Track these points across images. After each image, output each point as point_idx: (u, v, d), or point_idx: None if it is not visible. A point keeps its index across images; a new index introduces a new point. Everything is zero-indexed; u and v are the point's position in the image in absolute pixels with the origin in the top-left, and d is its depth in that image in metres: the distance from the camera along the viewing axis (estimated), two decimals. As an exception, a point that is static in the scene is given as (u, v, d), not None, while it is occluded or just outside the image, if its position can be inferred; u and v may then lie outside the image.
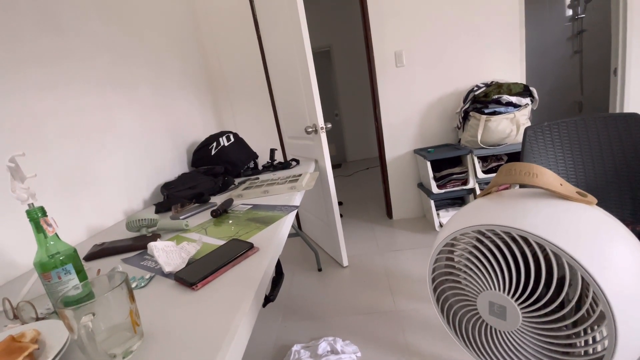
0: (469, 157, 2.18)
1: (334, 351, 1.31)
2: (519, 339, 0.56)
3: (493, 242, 0.53)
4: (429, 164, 2.21)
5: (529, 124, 2.05)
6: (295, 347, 1.36)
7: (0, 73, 0.88)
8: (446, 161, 2.38)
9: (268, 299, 0.90)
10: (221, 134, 1.83)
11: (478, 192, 2.20)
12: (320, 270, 2.07)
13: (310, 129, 1.83)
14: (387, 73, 2.40)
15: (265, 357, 1.40)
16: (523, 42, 2.28)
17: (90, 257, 0.85)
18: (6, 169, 0.61)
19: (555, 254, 0.47)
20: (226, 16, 2.39)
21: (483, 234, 0.55)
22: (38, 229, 0.57)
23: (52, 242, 0.58)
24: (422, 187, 2.46)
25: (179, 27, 2.06)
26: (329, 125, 1.85)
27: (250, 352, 1.44)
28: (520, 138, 2.07)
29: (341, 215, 3.05)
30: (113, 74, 1.36)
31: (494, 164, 2.18)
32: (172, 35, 1.95)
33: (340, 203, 3.10)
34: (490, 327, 0.60)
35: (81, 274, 0.60)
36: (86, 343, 0.40)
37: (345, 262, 2.05)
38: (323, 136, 1.83)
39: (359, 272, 1.95)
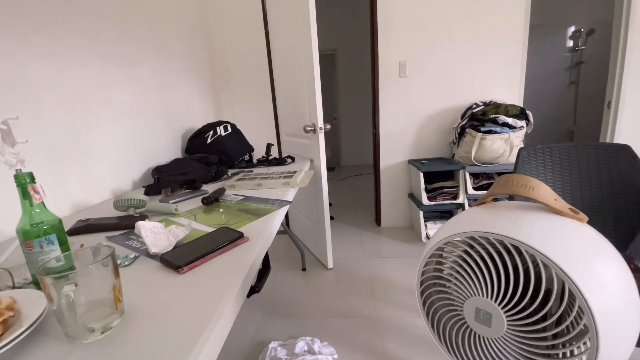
0: (461, 172, 2.21)
1: (311, 351, 1.31)
2: (502, 347, 0.57)
3: (484, 249, 0.54)
4: (421, 175, 2.23)
5: (522, 146, 2.09)
6: (273, 344, 1.35)
7: (1, 37, 0.86)
8: (439, 174, 2.41)
9: (253, 290, 0.89)
10: (219, 123, 1.81)
11: (467, 207, 2.24)
12: (304, 270, 2.06)
13: (309, 128, 1.83)
14: (390, 82, 2.43)
15: (241, 351, 1.38)
16: (524, 67, 2.33)
17: (74, 231, 0.83)
18: (-3, 131, 0.59)
19: (545, 266, 0.48)
20: (235, 7, 2.38)
21: (475, 241, 0.56)
22: (25, 195, 0.55)
23: (37, 210, 0.56)
24: (413, 197, 2.48)
25: (187, 12, 2.04)
26: (328, 126, 1.85)
27: (227, 345, 1.42)
28: (512, 159, 2.11)
29: (332, 218, 3.04)
30: (115, 50, 1.33)
31: (485, 182, 2.22)
32: (180, 20, 1.93)
33: (330, 204, 3.10)
34: (474, 334, 0.61)
35: (64, 247, 0.59)
36: (65, 314, 0.38)
37: (330, 264, 2.04)
38: (321, 136, 1.83)
39: (343, 275, 1.95)
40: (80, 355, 0.39)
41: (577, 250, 0.48)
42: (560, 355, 0.50)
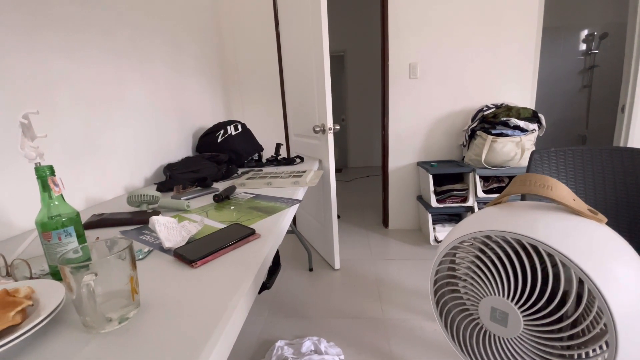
0: (471, 175, 2.19)
1: (317, 351, 1.30)
2: (518, 347, 0.56)
3: (501, 248, 0.53)
4: (431, 177, 2.22)
5: (533, 149, 2.06)
6: (279, 343, 1.35)
7: (21, 34, 0.88)
8: (448, 177, 2.39)
9: (264, 286, 0.90)
10: (229, 122, 1.82)
11: (477, 210, 2.21)
12: (311, 270, 2.06)
13: (318, 129, 1.84)
14: (400, 84, 2.42)
15: (248, 349, 1.39)
16: (536, 70, 2.31)
17: (89, 226, 0.84)
18: (19, 125, 0.60)
19: (564, 266, 0.47)
20: (247, 9, 2.40)
21: (491, 240, 0.55)
22: (44, 187, 0.56)
23: (56, 203, 0.57)
24: (421, 200, 2.47)
25: (199, 12, 2.07)
26: (337, 127, 1.85)
27: (234, 343, 1.43)
28: (523, 162, 2.09)
29: (339, 216, 3.04)
30: (130, 48, 1.35)
31: (495, 185, 2.20)
32: (192, 20, 1.96)
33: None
34: (489, 335, 0.60)
35: (81, 239, 0.60)
36: (85, 303, 0.39)
37: (337, 265, 2.04)
38: (330, 137, 1.83)
39: (350, 276, 1.94)
40: (98, 344, 0.39)
41: (596, 250, 0.47)
42: (576, 357, 0.49)
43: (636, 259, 0.48)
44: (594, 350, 0.46)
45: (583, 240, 0.48)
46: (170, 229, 0.70)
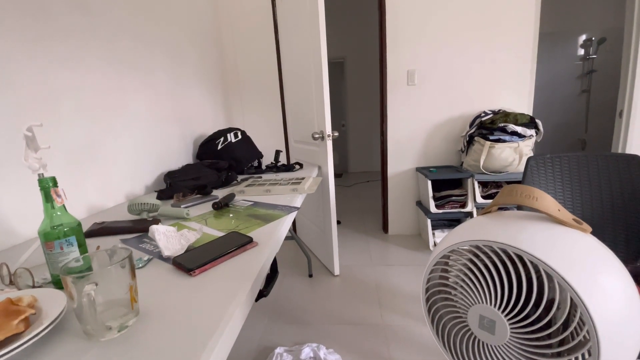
0: (469, 180, 2.20)
1: (316, 358, 1.31)
2: (505, 354, 0.57)
3: (489, 257, 0.54)
4: (429, 183, 2.23)
5: (531, 154, 2.08)
6: (278, 350, 1.36)
7: (26, 45, 0.91)
8: (447, 182, 2.40)
9: (261, 294, 0.91)
10: (229, 130, 1.85)
11: (475, 216, 2.22)
12: (311, 276, 2.07)
13: (317, 135, 1.86)
14: (398, 90, 2.44)
15: (248, 356, 1.39)
16: (533, 75, 2.33)
17: (90, 234, 0.86)
18: (23, 137, 0.62)
19: (547, 275, 0.48)
20: (247, 17, 2.44)
21: (480, 249, 0.56)
22: (47, 198, 0.58)
23: (58, 213, 0.59)
24: (421, 205, 2.47)
25: (200, 21, 2.10)
26: (336, 134, 1.87)
27: (233, 350, 1.43)
28: (521, 168, 2.10)
29: (339, 222, 3.05)
30: (132, 57, 1.38)
31: (494, 190, 2.20)
32: (193, 28, 1.99)
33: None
34: (479, 341, 0.61)
35: (82, 248, 0.61)
36: (86, 312, 0.40)
37: (336, 271, 2.05)
38: (329, 143, 1.85)
39: (350, 282, 1.95)
40: (98, 352, 0.41)
41: (579, 259, 0.48)
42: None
43: (619, 268, 0.50)
44: (580, 356, 0.48)
45: (566, 250, 0.50)
46: (169, 238, 0.71)
